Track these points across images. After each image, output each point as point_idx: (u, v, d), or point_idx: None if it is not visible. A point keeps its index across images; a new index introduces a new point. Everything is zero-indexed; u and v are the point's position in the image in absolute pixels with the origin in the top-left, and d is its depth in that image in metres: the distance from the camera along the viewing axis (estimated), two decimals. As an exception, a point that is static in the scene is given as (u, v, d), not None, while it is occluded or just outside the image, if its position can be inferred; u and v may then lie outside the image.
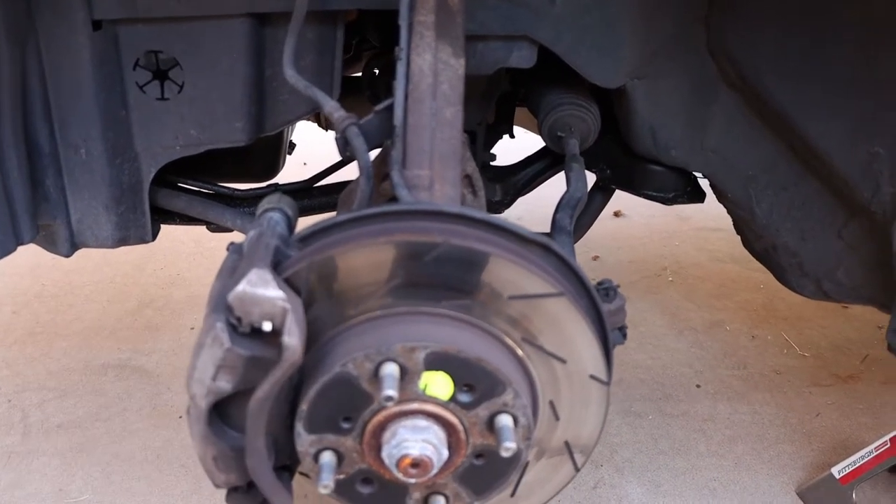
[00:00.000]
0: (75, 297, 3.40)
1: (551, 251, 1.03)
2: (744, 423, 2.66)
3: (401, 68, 1.16)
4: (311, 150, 3.76)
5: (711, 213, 1.84)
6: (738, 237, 1.90)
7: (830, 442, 2.57)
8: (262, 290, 0.90)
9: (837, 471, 2.27)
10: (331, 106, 1.22)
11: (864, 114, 1.44)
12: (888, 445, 2.21)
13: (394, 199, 1.10)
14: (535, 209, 3.51)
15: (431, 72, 1.14)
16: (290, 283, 0.95)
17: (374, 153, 1.37)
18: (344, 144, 1.18)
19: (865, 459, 2.24)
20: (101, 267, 3.63)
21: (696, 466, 2.45)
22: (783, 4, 1.48)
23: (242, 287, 0.90)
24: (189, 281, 3.58)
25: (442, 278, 0.97)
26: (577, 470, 1.15)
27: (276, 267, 0.96)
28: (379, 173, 1.32)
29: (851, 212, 1.57)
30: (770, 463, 2.48)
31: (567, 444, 1.12)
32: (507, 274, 0.97)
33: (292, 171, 2.64)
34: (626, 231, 4.27)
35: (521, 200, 2.19)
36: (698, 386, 2.86)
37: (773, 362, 3.03)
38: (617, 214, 4.44)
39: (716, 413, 2.71)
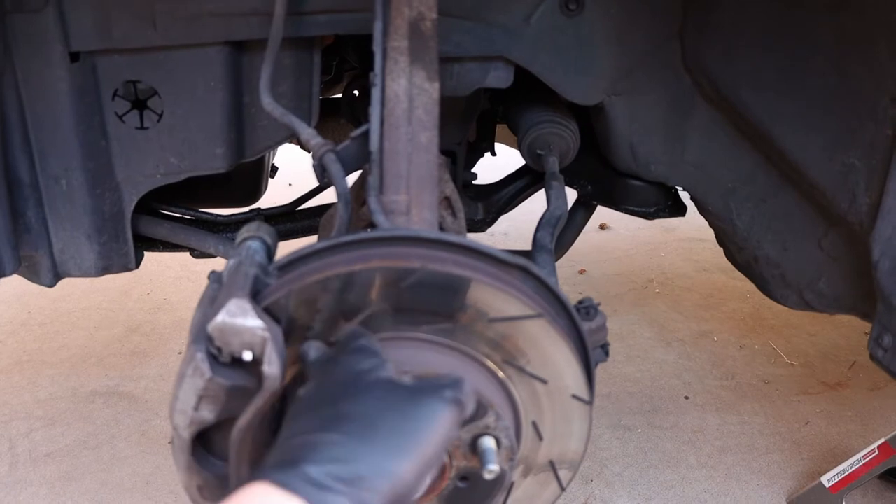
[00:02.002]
0: (62, 325, 3.39)
1: (529, 273, 1.03)
2: (733, 433, 2.67)
3: (376, 94, 1.17)
4: (297, 170, 3.76)
5: (697, 223, 1.85)
6: (723, 248, 1.92)
7: (820, 450, 2.59)
8: (241, 319, 0.90)
9: (827, 479, 2.28)
10: (307, 133, 1.23)
11: (840, 126, 1.46)
12: (876, 453, 2.22)
13: (372, 224, 1.11)
14: (521, 224, 3.52)
15: (406, 97, 1.15)
16: (269, 312, 0.95)
17: (356, 175, 1.38)
18: (321, 171, 1.19)
19: (854, 467, 2.25)
20: (87, 294, 3.63)
21: (687, 479, 2.46)
22: (757, 20, 1.50)
23: (222, 317, 0.90)
24: (175, 305, 3.57)
25: (421, 303, 0.98)
26: (563, 489, 1.15)
27: (256, 296, 0.96)
28: (358, 198, 1.32)
29: (830, 222, 1.58)
30: (760, 473, 2.49)
31: (552, 462, 1.13)
32: (486, 297, 0.98)
33: (278, 192, 2.65)
34: (612, 244, 4.28)
35: (506, 216, 2.20)
36: (687, 398, 2.87)
37: (762, 372, 3.04)
38: (603, 227, 4.46)
39: (705, 424, 2.72)
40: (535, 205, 1.58)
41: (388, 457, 0.78)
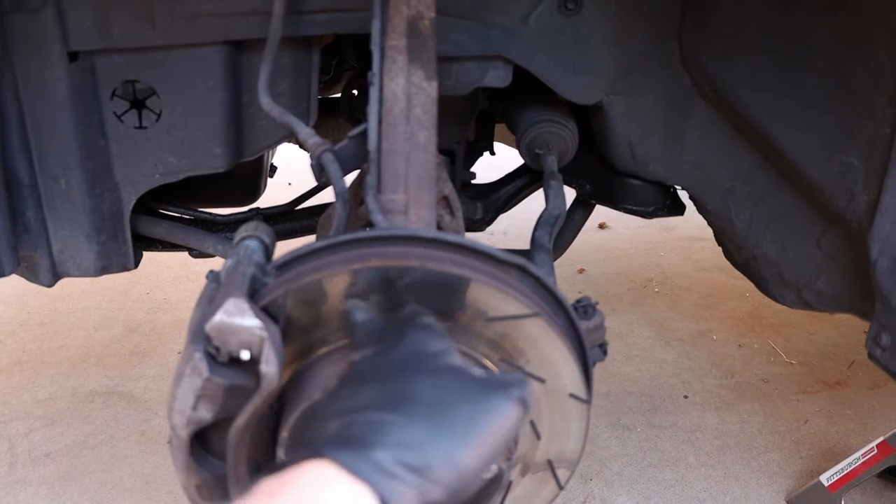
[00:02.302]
0: (61, 325, 3.40)
1: (527, 272, 1.03)
2: (732, 432, 2.67)
3: (374, 93, 1.17)
4: (296, 169, 3.76)
5: (696, 223, 1.85)
6: (722, 248, 1.92)
7: (819, 449, 2.59)
8: (238, 319, 0.90)
9: (826, 478, 2.28)
10: (305, 133, 1.23)
11: (838, 125, 1.46)
12: (875, 451, 2.22)
13: (371, 223, 1.11)
14: (520, 223, 3.52)
15: (404, 96, 1.15)
16: (267, 311, 0.95)
17: (354, 175, 1.38)
18: (319, 171, 1.19)
19: (853, 466, 2.25)
20: (87, 293, 3.63)
21: (686, 478, 2.46)
22: (755, 20, 1.50)
23: (219, 317, 0.90)
24: (175, 305, 3.57)
25: (420, 302, 0.98)
26: (561, 488, 1.15)
27: (254, 295, 0.96)
28: (356, 197, 1.32)
29: (829, 221, 1.58)
30: (759, 472, 2.49)
31: (550, 461, 1.13)
32: (484, 296, 0.98)
33: (277, 191, 2.65)
34: (611, 243, 4.29)
35: (505, 215, 2.20)
36: (686, 397, 2.87)
37: (761, 371, 3.05)
38: (602, 226, 4.47)
39: (704, 424, 2.72)
40: (535, 204, 1.58)
41: (458, 447, 0.75)
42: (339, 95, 2.34)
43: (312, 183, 1.59)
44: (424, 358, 0.85)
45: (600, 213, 2.21)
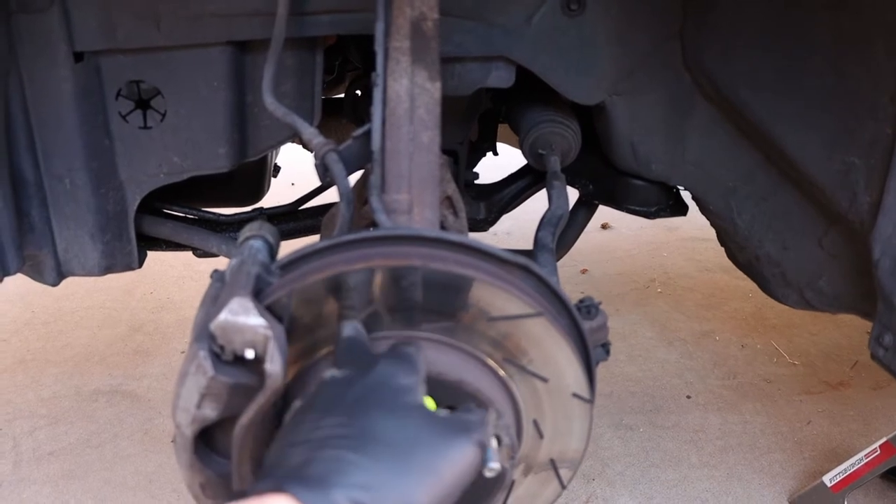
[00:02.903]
0: (65, 324, 3.41)
1: (530, 272, 1.04)
2: (735, 433, 2.68)
3: (377, 94, 1.17)
4: (300, 170, 3.77)
5: (699, 223, 1.86)
6: (725, 247, 1.92)
7: (822, 450, 2.59)
8: (243, 318, 0.91)
9: (829, 479, 2.29)
10: (309, 133, 1.24)
11: (839, 125, 1.46)
12: (878, 452, 2.22)
13: (374, 223, 1.11)
14: (524, 224, 3.52)
15: (408, 96, 1.16)
16: (271, 310, 0.96)
17: (357, 175, 1.38)
18: (323, 171, 1.19)
19: (856, 467, 2.25)
20: (91, 293, 3.64)
21: (688, 478, 2.46)
22: (755, 20, 1.50)
23: (224, 316, 0.91)
24: (178, 304, 3.58)
25: (423, 302, 0.98)
26: (564, 487, 1.16)
27: (258, 294, 0.97)
28: (360, 197, 1.33)
29: (831, 221, 1.59)
30: (762, 473, 2.49)
31: (552, 461, 1.13)
32: (487, 296, 0.98)
33: (281, 191, 2.66)
34: (614, 243, 4.29)
35: (509, 215, 2.21)
36: (689, 397, 2.88)
37: (764, 371, 3.05)
38: (605, 227, 4.47)
39: (707, 424, 2.72)
40: (539, 204, 1.59)
41: (414, 491, 0.78)
42: (342, 96, 2.35)
43: (316, 183, 1.60)
44: (390, 393, 0.87)
45: (603, 213, 2.22)
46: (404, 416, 0.84)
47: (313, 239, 1.64)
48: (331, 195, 1.73)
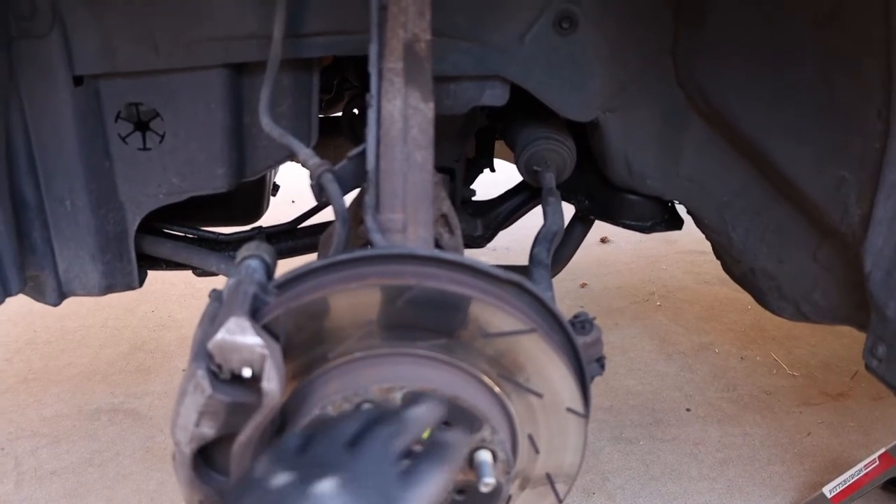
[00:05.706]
0: (67, 343, 3.42)
1: (524, 289, 1.05)
2: (735, 445, 2.68)
3: (372, 114, 1.19)
4: (300, 187, 3.79)
5: (697, 236, 1.87)
6: (722, 261, 1.93)
7: (822, 461, 2.59)
8: (240, 337, 0.92)
9: (829, 490, 2.29)
10: (305, 153, 1.25)
11: (830, 139, 1.47)
12: (878, 463, 2.23)
13: (370, 242, 1.13)
14: (522, 239, 3.54)
15: (401, 117, 1.17)
16: (268, 329, 0.97)
17: (354, 193, 1.40)
18: (319, 191, 1.21)
19: (856, 478, 2.25)
20: (93, 311, 3.65)
21: (689, 491, 2.46)
22: (747, 36, 1.52)
23: (221, 335, 0.92)
24: (180, 322, 3.59)
25: (417, 320, 1.00)
26: (560, 501, 1.17)
27: (255, 314, 0.98)
28: (356, 217, 1.35)
29: (824, 234, 1.60)
30: (762, 485, 2.49)
31: (548, 475, 1.14)
32: (481, 313, 1.00)
33: (281, 209, 2.68)
34: (612, 257, 4.30)
35: (508, 231, 2.22)
36: (688, 410, 2.88)
37: (763, 383, 3.05)
38: (604, 241, 4.48)
39: (707, 436, 2.73)
40: (538, 220, 1.60)
41: None
42: (340, 114, 2.37)
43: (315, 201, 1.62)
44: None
45: (602, 227, 2.23)
46: None
47: (312, 257, 1.66)
48: (329, 213, 1.75)
